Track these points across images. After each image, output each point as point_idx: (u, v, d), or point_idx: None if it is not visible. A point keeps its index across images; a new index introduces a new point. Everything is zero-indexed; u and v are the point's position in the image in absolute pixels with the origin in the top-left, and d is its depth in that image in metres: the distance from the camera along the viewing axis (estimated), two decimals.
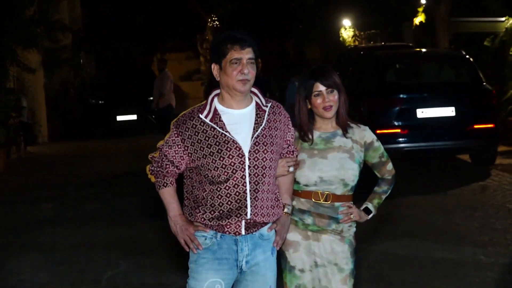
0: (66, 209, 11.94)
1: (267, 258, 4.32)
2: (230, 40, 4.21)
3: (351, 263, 4.60)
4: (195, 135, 4.20)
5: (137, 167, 14.69)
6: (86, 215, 11.30)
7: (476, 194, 11.34)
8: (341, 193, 4.56)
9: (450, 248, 8.52)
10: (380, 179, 4.75)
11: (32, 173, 16.42)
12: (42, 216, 11.48)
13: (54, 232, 10.26)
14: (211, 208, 4.19)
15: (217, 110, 4.25)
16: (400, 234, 9.13)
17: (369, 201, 4.69)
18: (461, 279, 7.37)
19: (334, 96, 4.55)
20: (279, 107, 4.38)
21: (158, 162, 4.31)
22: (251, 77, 4.20)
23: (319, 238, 4.58)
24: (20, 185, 14.57)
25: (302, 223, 4.60)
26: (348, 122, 4.63)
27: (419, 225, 9.72)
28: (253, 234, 4.26)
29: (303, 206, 4.59)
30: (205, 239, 4.24)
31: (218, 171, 4.15)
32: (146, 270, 8.16)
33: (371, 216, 4.67)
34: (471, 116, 12.73)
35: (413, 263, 8.00)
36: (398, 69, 14.25)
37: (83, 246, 9.36)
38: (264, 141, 4.22)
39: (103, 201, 12.46)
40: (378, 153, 4.67)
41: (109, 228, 10.34)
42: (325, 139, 4.60)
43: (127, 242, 9.50)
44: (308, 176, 4.53)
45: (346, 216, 4.56)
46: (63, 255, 8.93)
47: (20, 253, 9.16)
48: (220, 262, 4.23)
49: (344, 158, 4.53)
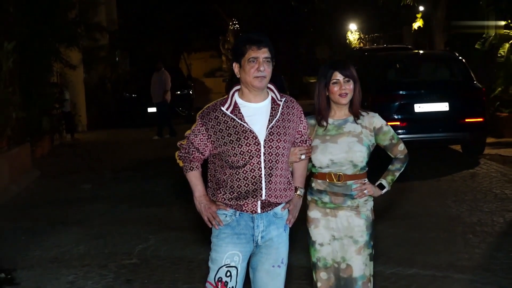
0: (102, 189, 11.99)
1: (280, 234, 4.35)
2: (248, 41, 4.23)
3: (366, 235, 4.59)
4: (217, 125, 4.23)
5: (165, 153, 14.74)
6: (120, 195, 11.35)
7: (467, 180, 11.31)
8: (352, 173, 4.56)
9: (443, 228, 8.51)
10: (393, 159, 4.73)
11: (73, 157, 16.49)
12: (81, 195, 11.54)
13: (91, 209, 10.31)
14: (230, 190, 4.22)
15: (237, 104, 4.27)
16: (397, 216, 9.12)
17: (383, 178, 4.67)
18: (452, 255, 7.36)
19: (350, 85, 4.55)
20: (293, 101, 4.40)
21: (185, 149, 4.33)
22: (267, 74, 4.22)
23: (337, 214, 4.58)
24: (63, 168, 14.63)
25: (321, 202, 4.62)
26: (360, 110, 4.63)
27: (415, 207, 9.71)
28: (268, 212, 4.28)
29: (320, 187, 4.61)
30: (225, 217, 4.26)
31: (237, 157, 4.18)
32: (173, 243, 8.19)
33: (385, 191, 4.65)
34: (463, 110, 12.67)
35: (409, 241, 8.00)
36: (398, 69, 14.20)
37: (117, 222, 9.40)
38: (278, 131, 4.24)
39: (135, 183, 12.50)
40: (388, 136, 4.65)
41: (140, 206, 10.38)
42: (337, 126, 4.60)
43: (156, 218, 9.53)
44: (321, 159, 4.55)
45: (360, 191, 4.56)
46: (99, 230, 8.98)
47: (62, 227, 9.22)
48: (239, 237, 4.26)
49: (353, 141, 4.54)
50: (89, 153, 17.25)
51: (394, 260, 7.18)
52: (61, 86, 19.59)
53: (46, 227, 9.23)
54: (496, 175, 11.64)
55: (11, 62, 12.76)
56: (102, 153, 17.17)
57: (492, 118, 15.66)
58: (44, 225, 9.36)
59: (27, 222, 9.60)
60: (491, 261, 7.15)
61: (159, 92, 19.48)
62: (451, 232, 8.30)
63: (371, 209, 4.66)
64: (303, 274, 6.62)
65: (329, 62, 4.73)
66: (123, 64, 29.74)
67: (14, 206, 10.81)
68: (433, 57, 15.12)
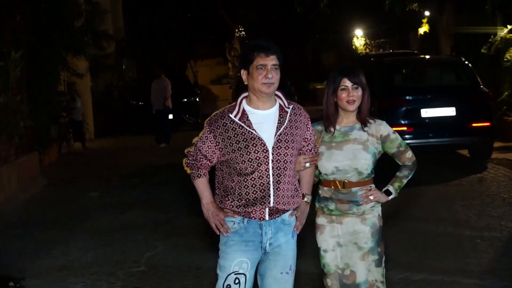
0: (110, 197, 12.00)
1: (288, 241, 4.35)
2: (257, 48, 4.24)
3: (371, 242, 4.56)
4: (225, 132, 4.23)
5: (173, 160, 14.73)
6: (127, 202, 11.35)
7: (474, 185, 11.29)
8: (357, 180, 4.54)
9: (451, 233, 8.49)
10: (401, 166, 4.70)
11: (81, 165, 16.51)
12: (89, 202, 11.55)
13: (99, 217, 10.32)
14: (238, 197, 4.22)
15: (245, 111, 4.27)
16: (405, 221, 9.10)
17: (390, 184, 4.65)
18: (460, 260, 7.34)
19: (358, 92, 4.54)
20: (300, 109, 4.40)
21: (193, 156, 4.33)
22: (274, 81, 4.22)
23: (342, 221, 4.57)
24: (70, 176, 14.65)
25: (327, 209, 4.61)
26: (368, 118, 4.62)
27: (422, 212, 9.69)
28: (276, 219, 4.28)
29: (326, 194, 4.61)
30: (233, 224, 4.27)
31: (245, 164, 4.19)
32: (181, 251, 8.18)
33: (392, 198, 4.62)
34: (470, 115, 12.66)
35: (417, 246, 7.98)
36: (404, 74, 14.20)
37: (125, 230, 9.40)
38: (286, 139, 4.25)
39: (143, 190, 12.51)
40: (395, 144, 4.62)
41: (148, 213, 10.38)
42: (344, 133, 4.59)
43: (164, 226, 9.53)
44: (326, 166, 4.55)
45: (366, 198, 4.55)
46: (107, 238, 8.98)
47: (70, 235, 9.22)
48: (247, 244, 4.26)
49: (358, 149, 4.52)
50: (96, 160, 17.27)
51: (402, 265, 7.15)
52: (74, 94, 19.59)
53: (54, 235, 9.23)
54: (504, 179, 11.61)
55: (18, 70, 12.79)
56: (109, 160, 17.19)
57: (499, 122, 15.62)
58: (52, 233, 9.36)
59: (35, 230, 9.61)
60: (500, 266, 7.12)
61: (159, 100, 19.55)
62: (459, 237, 8.28)
63: (378, 215, 4.64)
64: (312, 281, 6.62)
65: (338, 68, 4.70)
66: (130, 71, 29.78)
67: (22, 214, 10.82)
68: (439, 62, 15.12)
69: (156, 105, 19.65)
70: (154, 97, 19.69)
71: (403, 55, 20.21)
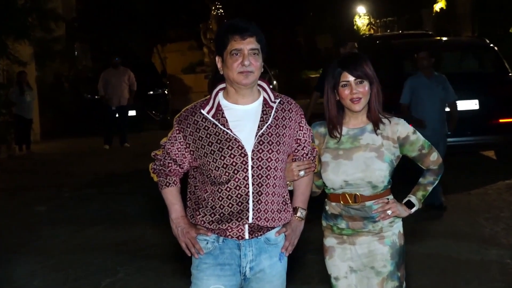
0: (61, 211, 11.96)
1: (273, 264, 4.30)
2: (230, 30, 4.18)
3: (391, 265, 4.50)
4: (196, 131, 4.20)
5: (137, 166, 14.73)
6: (82, 218, 11.32)
7: (502, 194, 11.34)
8: (371, 194, 4.48)
9: (474, 251, 8.52)
10: (425, 170, 4.65)
11: (25, 172, 16.45)
12: (35, 219, 11.51)
13: (48, 236, 10.27)
14: (211, 211, 4.18)
15: (221, 106, 4.23)
16: (420, 236, 9.12)
17: (412, 194, 4.60)
18: (486, 284, 7.37)
19: (364, 87, 4.45)
20: (290, 103, 4.32)
21: (160, 160, 4.32)
22: (253, 68, 4.16)
23: (355, 241, 4.52)
24: (12, 186, 14.59)
25: (336, 228, 4.55)
26: (381, 116, 4.52)
27: (440, 226, 9.72)
28: (258, 238, 4.24)
29: (335, 210, 4.54)
30: (206, 243, 4.24)
31: (219, 171, 4.14)
32: (147, 276, 8.17)
33: (415, 210, 4.57)
34: (496, 109, 12.72)
35: (434, 267, 8.01)
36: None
37: (79, 251, 9.37)
38: (269, 140, 4.19)
39: (101, 203, 12.48)
40: (416, 146, 4.55)
41: (107, 231, 10.36)
42: (353, 136, 4.51)
43: (127, 246, 9.52)
44: (332, 179, 4.48)
45: (383, 213, 4.48)
46: (58, 261, 8.95)
47: (12, 259, 9.18)
48: (222, 268, 4.23)
49: (371, 157, 4.44)
50: (44, 167, 17.21)
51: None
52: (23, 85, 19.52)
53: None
54: None
55: None
56: (59, 166, 17.13)
57: None
58: None
59: None
60: None
61: (120, 95, 19.57)
62: (484, 256, 8.31)
63: (398, 232, 4.58)
64: None
65: (337, 59, 4.57)
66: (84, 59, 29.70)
67: None
68: (458, 45, 15.18)
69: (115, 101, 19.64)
70: (112, 92, 19.67)
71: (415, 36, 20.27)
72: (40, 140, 22.41)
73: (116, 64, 20.05)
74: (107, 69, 20.13)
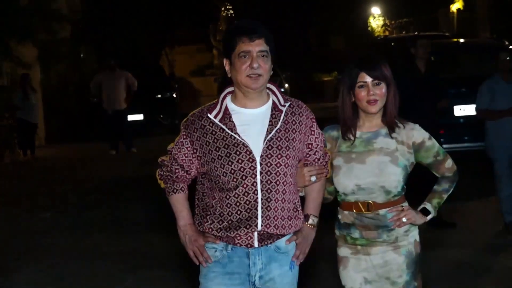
0: (65, 218, 11.97)
1: (284, 274, 4.29)
2: (238, 32, 4.19)
3: (407, 275, 4.50)
4: (203, 136, 4.20)
5: (144, 172, 14.72)
6: (87, 225, 11.33)
7: None
8: (384, 200, 4.48)
9: (494, 262, 8.48)
10: (440, 178, 4.65)
11: (28, 178, 16.46)
12: (39, 226, 11.51)
13: (52, 244, 10.28)
14: (219, 218, 4.18)
15: (228, 110, 4.23)
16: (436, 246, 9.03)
17: (427, 201, 4.60)
18: None
19: (381, 89, 4.45)
20: (300, 106, 4.32)
21: (167, 166, 4.31)
22: (262, 71, 4.16)
23: (370, 251, 4.52)
24: (15, 192, 14.61)
25: (350, 238, 4.55)
26: (396, 120, 4.52)
27: (458, 235, 9.67)
28: (268, 246, 4.24)
29: (347, 219, 4.54)
30: (215, 251, 4.24)
31: (227, 177, 4.14)
32: (154, 285, 8.17)
33: (431, 217, 4.58)
34: None
35: (452, 278, 7.97)
36: (433, 62, 14.21)
37: (84, 259, 9.37)
38: (278, 145, 4.19)
39: (107, 209, 12.49)
40: (432, 153, 4.56)
41: (113, 239, 10.36)
42: (366, 140, 4.51)
43: (133, 254, 9.51)
44: (344, 184, 4.48)
45: (398, 221, 4.48)
46: (62, 270, 8.95)
47: (14, 268, 9.19)
48: (231, 277, 4.23)
49: (385, 162, 4.44)
50: (48, 173, 17.22)
51: None
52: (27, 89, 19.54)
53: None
54: None
55: None
56: (64, 172, 17.14)
57: None
58: None
59: None
60: None
61: (114, 98, 19.59)
62: (505, 269, 8.26)
63: (414, 241, 4.57)
64: None
65: (354, 60, 4.59)
66: (89, 61, 29.74)
67: None
68: (477, 47, 15.15)
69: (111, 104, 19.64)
70: (110, 96, 19.65)
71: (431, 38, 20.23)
72: (44, 145, 22.44)
73: (113, 66, 20.02)
74: (104, 71, 20.09)
